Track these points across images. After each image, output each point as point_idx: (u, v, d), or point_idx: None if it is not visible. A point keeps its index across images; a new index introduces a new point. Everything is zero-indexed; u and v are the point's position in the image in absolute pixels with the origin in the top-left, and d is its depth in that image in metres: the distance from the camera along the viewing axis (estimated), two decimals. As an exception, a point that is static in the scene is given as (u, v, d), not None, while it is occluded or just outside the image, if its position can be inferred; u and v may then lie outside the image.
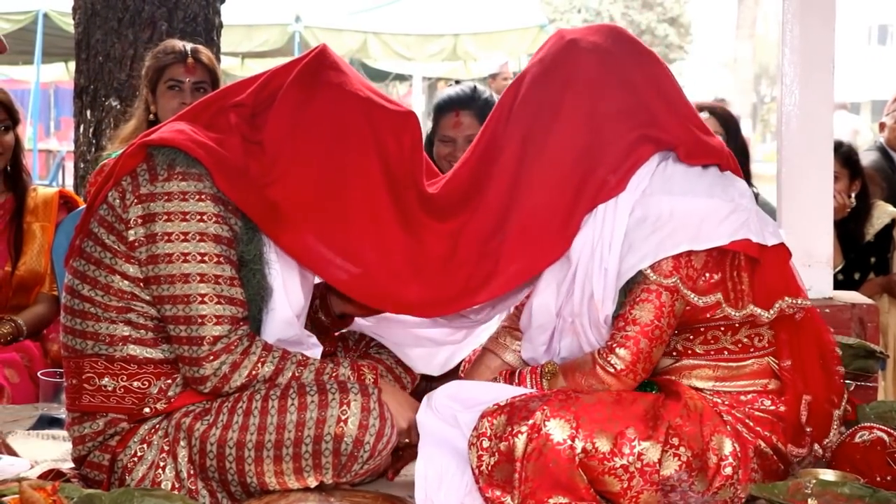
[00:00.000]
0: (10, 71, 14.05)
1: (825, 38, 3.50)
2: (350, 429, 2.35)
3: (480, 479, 2.28)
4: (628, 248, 2.37)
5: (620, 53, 2.48)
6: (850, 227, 4.65)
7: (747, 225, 2.36)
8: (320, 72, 2.53)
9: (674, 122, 2.45)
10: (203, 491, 2.41)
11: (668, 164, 2.44)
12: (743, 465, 2.32)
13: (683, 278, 2.33)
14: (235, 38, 9.90)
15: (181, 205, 2.38)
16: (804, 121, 3.51)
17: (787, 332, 2.41)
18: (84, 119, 4.82)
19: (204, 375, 2.37)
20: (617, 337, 2.36)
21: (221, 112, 2.51)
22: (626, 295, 2.38)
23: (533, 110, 2.48)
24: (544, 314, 2.51)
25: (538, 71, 2.51)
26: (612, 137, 2.42)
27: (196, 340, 2.36)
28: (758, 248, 2.36)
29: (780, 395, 2.41)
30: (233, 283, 2.40)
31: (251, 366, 2.39)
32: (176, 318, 2.37)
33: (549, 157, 2.44)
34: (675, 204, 2.36)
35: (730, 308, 2.36)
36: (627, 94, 2.44)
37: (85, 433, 2.47)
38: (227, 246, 2.40)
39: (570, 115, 2.44)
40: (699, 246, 2.33)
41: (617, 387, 2.35)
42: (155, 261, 2.37)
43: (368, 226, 2.49)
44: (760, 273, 2.38)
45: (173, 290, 2.37)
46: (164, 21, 4.66)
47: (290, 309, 2.52)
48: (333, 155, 2.49)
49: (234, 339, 2.38)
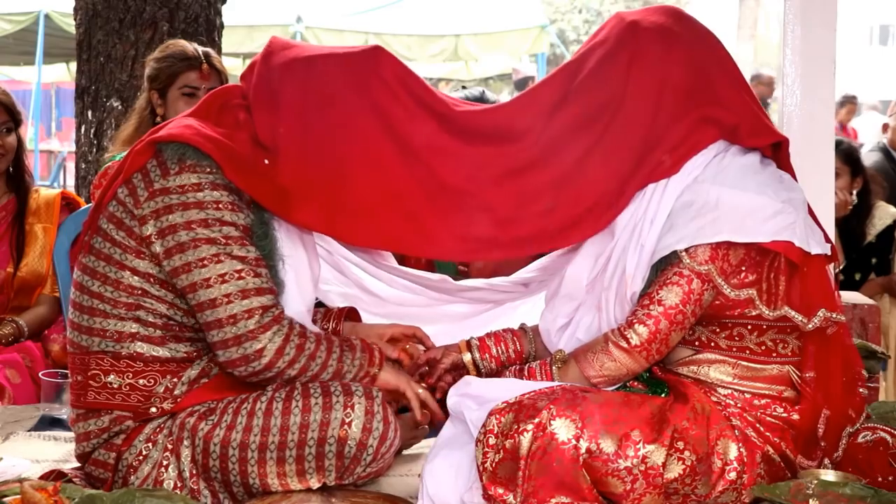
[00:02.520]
0: (11, 72, 14.05)
1: (826, 39, 3.50)
2: (354, 432, 2.35)
3: (484, 476, 2.28)
4: (669, 228, 2.37)
5: (683, 32, 2.48)
6: (852, 224, 4.66)
7: (792, 228, 2.34)
8: (272, 56, 2.53)
9: (737, 100, 2.45)
10: (205, 491, 2.41)
11: (726, 155, 2.43)
12: (749, 469, 2.32)
13: (718, 270, 2.33)
14: (237, 38, 9.90)
15: (196, 195, 2.37)
16: (805, 121, 3.50)
17: (815, 344, 2.39)
18: (85, 120, 4.83)
19: (259, 349, 2.33)
20: (639, 313, 2.35)
21: (228, 109, 2.52)
22: (658, 275, 2.37)
23: (598, 92, 2.46)
24: (575, 283, 2.51)
25: (601, 53, 2.49)
26: (674, 116, 2.42)
27: (241, 316, 2.32)
28: (800, 254, 2.34)
29: (795, 404, 2.40)
30: (260, 264, 2.39)
31: (297, 340, 2.37)
32: (213, 301, 2.34)
33: (614, 139, 2.44)
34: (723, 194, 2.35)
35: (763, 306, 2.35)
36: (691, 72, 2.44)
37: (90, 430, 2.47)
38: (244, 233, 2.40)
39: (636, 95, 2.43)
40: (739, 238, 2.32)
41: (628, 364, 2.35)
42: (180, 249, 2.36)
43: (374, 175, 2.47)
44: (800, 280, 2.36)
45: (206, 273, 2.34)
46: (165, 22, 4.66)
47: (303, 303, 2.52)
48: (320, 122, 2.47)
49: (279, 312, 2.37)
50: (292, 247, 2.52)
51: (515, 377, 2.46)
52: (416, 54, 11.70)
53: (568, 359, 2.43)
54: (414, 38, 11.58)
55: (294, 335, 2.37)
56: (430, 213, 2.49)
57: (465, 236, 2.51)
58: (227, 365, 2.37)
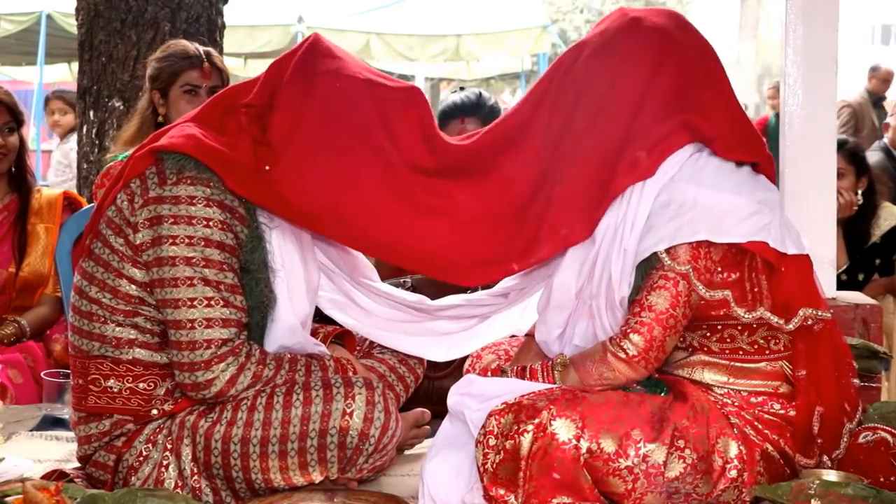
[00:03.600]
0: (13, 72, 14.04)
1: (828, 39, 3.49)
2: (355, 422, 2.35)
3: (485, 477, 2.28)
4: (648, 229, 2.37)
5: (682, 38, 2.48)
6: (857, 224, 4.65)
7: (767, 229, 2.35)
8: (316, 61, 2.51)
9: (721, 115, 2.45)
10: (207, 489, 2.41)
11: (702, 155, 2.43)
12: (749, 468, 2.32)
13: (700, 269, 2.33)
14: (238, 38, 9.91)
15: (188, 209, 2.37)
16: (807, 121, 3.49)
17: (803, 341, 2.40)
18: (87, 120, 4.82)
19: (209, 379, 2.36)
20: (631, 322, 2.35)
21: (232, 113, 2.51)
22: (644, 279, 2.37)
23: (589, 79, 2.47)
24: (564, 294, 2.51)
25: (599, 42, 2.49)
26: (657, 117, 2.42)
27: (200, 344, 2.35)
28: (775, 254, 2.35)
29: (791, 399, 2.40)
30: (234, 291, 2.40)
31: (254, 368, 2.39)
32: (178, 324, 2.37)
33: (597, 128, 2.44)
34: (700, 194, 2.35)
35: (739, 308, 2.36)
36: (682, 78, 2.44)
37: (91, 433, 2.48)
38: (230, 254, 2.40)
39: (624, 88, 2.43)
40: (716, 238, 2.32)
41: (628, 374, 2.35)
42: (159, 263, 2.37)
43: (385, 204, 2.47)
44: (779, 280, 2.37)
45: (176, 294, 2.37)
46: (167, 22, 4.66)
47: (294, 316, 2.52)
48: (339, 142, 2.47)
49: (238, 343, 2.38)
50: (288, 259, 2.52)
51: (518, 377, 2.46)
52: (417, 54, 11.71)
53: (568, 363, 2.43)
54: (415, 38, 11.58)
55: (251, 364, 2.39)
56: (446, 244, 2.49)
57: (479, 261, 2.50)
58: (181, 387, 2.41)
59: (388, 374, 2.76)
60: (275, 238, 2.50)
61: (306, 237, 2.58)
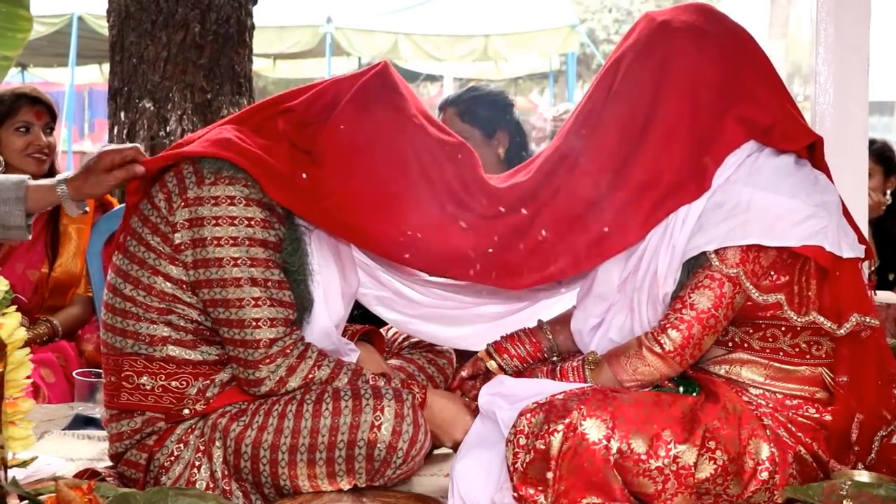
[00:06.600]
0: (44, 73, 14.17)
1: (860, 37, 3.47)
2: (384, 435, 2.35)
3: (515, 477, 2.27)
4: (699, 228, 2.35)
5: (714, 30, 2.45)
6: (887, 224, 4.61)
7: (824, 232, 2.31)
8: (380, 92, 2.51)
9: (771, 99, 2.42)
10: (237, 492, 2.42)
11: (760, 156, 2.40)
12: (781, 470, 2.30)
13: (748, 273, 2.31)
14: (267, 39, 9.95)
15: (229, 209, 2.39)
16: (838, 120, 3.47)
17: (849, 348, 2.37)
18: (118, 121, 4.85)
19: (259, 378, 2.38)
20: (671, 318, 2.34)
21: (270, 117, 2.52)
22: (689, 277, 2.35)
23: (632, 93, 2.44)
24: (606, 284, 2.50)
25: (633, 55, 2.47)
26: (713, 115, 2.39)
27: (251, 344, 2.37)
28: (831, 259, 2.31)
29: (827, 405, 2.38)
30: (282, 287, 2.41)
31: (307, 369, 2.40)
32: (229, 322, 2.39)
33: (652, 138, 2.41)
34: (755, 196, 2.32)
35: (791, 312, 2.34)
36: (725, 70, 2.41)
37: (122, 430, 2.49)
38: (273, 251, 2.42)
39: (672, 93, 2.41)
40: (769, 242, 2.30)
41: (662, 370, 2.34)
42: (206, 265, 2.39)
43: (429, 220, 2.47)
44: (832, 284, 2.33)
45: (225, 294, 2.38)
46: (196, 23, 4.68)
47: (329, 319, 2.53)
48: (390, 170, 2.47)
49: (289, 343, 2.39)
50: (324, 262, 2.53)
51: (548, 377, 2.46)
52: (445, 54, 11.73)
53: (601, 361, 2.42)
54: (443, 38, 11.59)
55: (304, 365, 2.40)
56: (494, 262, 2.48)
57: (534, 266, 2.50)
58: (235, 379, 2.44)
59: (417, 374, 2.77)
60: (313, 240, 2.51)
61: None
